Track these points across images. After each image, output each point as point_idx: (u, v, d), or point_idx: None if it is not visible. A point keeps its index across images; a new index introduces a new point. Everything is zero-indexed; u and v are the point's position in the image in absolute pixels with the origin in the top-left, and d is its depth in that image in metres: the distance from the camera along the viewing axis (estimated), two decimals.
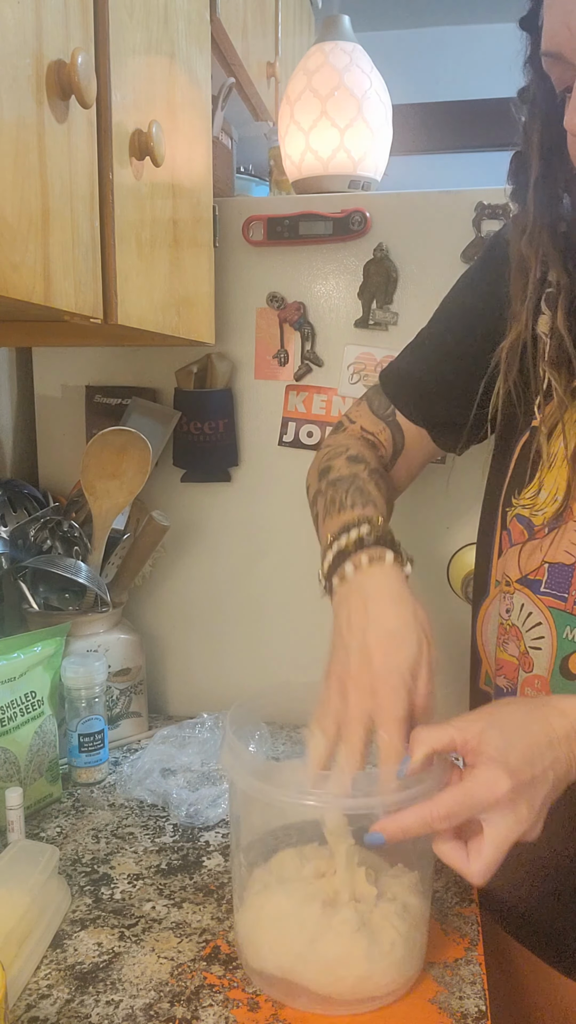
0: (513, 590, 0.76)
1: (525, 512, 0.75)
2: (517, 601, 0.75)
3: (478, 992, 0.68)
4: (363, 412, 0.90)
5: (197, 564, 1.24)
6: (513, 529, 0.77)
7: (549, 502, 0.73)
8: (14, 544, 1.09)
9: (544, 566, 0.73)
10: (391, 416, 0.88)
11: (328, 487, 0.81)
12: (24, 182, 0.55)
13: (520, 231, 0.72)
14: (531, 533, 0.74)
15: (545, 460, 0.73)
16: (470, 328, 0.82)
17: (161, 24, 0.80)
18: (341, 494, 0.79)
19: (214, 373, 1.16)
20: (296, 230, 1.11)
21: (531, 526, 0.74)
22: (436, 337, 0.87)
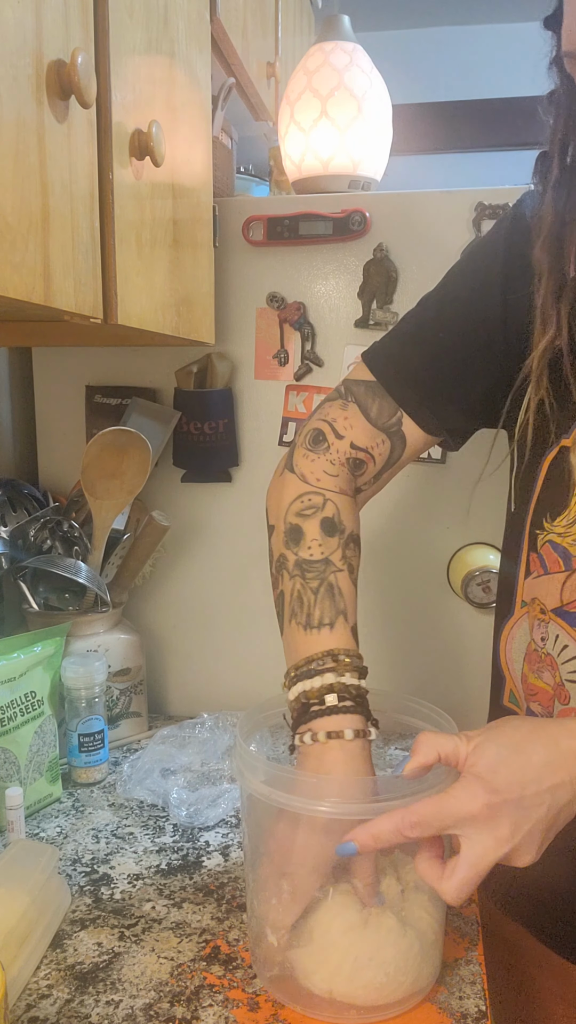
0: (548, 619, 0.72)
1: (561, 540, 0.70)
2: (552, 631, 0.72)
3: (478, 992, 0.68)
4: (355, 422, 0.77)
5: (197, 564, 1.24)
6: (547, 556, 0.72)
7: None
8: (14, 544, 1.09)
9: None
10: (395, 426, 0.77)
11: (296, 570, 0.73)
12: (24, 182, 0.55)
13: (537, 233, 0.70)
14: (568, 563, 0.70)
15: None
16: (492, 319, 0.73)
17: (161, 24, 0.80)
18: (310, 596, 0.72)
19: (214, 373, 1.16)
20: (296, 230, 1.11)
21: (568, 556, 0.70)
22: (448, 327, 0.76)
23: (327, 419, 0.78)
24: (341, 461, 0.77)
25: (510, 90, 2.50)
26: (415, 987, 0.65)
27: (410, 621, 1.19)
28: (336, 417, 0.78)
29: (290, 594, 0.73)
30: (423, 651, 1.19)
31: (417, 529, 1.16)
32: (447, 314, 0.76)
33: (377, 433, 0.77)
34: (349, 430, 0.77)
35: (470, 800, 0.56)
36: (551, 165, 0.69)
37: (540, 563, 0.73)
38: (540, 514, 0.73)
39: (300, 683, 0.69)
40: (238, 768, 0.67)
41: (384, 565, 1.17)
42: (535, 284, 0.70)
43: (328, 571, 0.73)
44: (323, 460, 0.77)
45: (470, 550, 1.14)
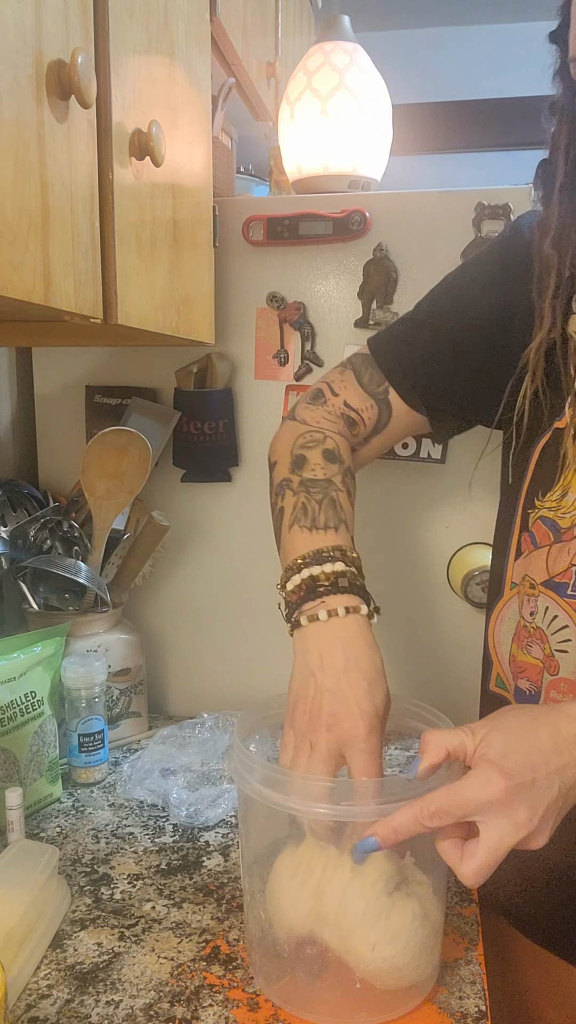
0: (538, 592, 0.75)
1: (550, 515, 0.74)
2: (542, 604, 0.74)
3: (478, 992, 0.68)
4: (349, 384, 0.86)
5: (197, 564, 1.24)
6: (537, 532, 0.76)
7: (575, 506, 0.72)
8: (14, 544, 1.09)
9: (572, 568, 0.72)
10: (383, 394, 0.85)
11: (300, 488, 0.79)
12: (24, 182, 0.55)
13: (544, 233, 0.73)
14: (557, 535, 0.74)
15: (572, 463, 0.72)
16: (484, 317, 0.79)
17: (161, 24, 0.80)
18: (314, 506, 0.77)
19: (214, 373, 1.16)
20: (296, 230, 1.11)
21: (557, 528, 0.74)
22: (442, 317, 0.83)
23: (326, 380, 0.88)
24: (336, 414, 0.85)
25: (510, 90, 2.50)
26: (424, 975, 0.66)
27: (410, 621, 1.19)
28: (334, 379, 0.87)
29: (293, 506, 0.78)
30: (423, 650, 1.19)
31: (417, 529, 1.16)
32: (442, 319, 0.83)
33: (367, 397, 0.85)
34: (343, 390, 0.86)
35: (487, 785, 0.57)
36: (555, 170, 0.72)
37: (531, 540, 0.76)
38: (532, 493, 0.77)
39: (307, 569, 0.72)
40: (235, 769, 0.67)
41: (384, 565, 1.17)
42: (534, 283, 0.74)
43: (331, 488, 0.79)
44: (322, 410, 0.86)
45: (470, 550, 1.14)
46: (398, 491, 1.16)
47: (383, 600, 1.21)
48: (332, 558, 0.73)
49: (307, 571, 0.72)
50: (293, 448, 0.83)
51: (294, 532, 0.77)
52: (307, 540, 0.75)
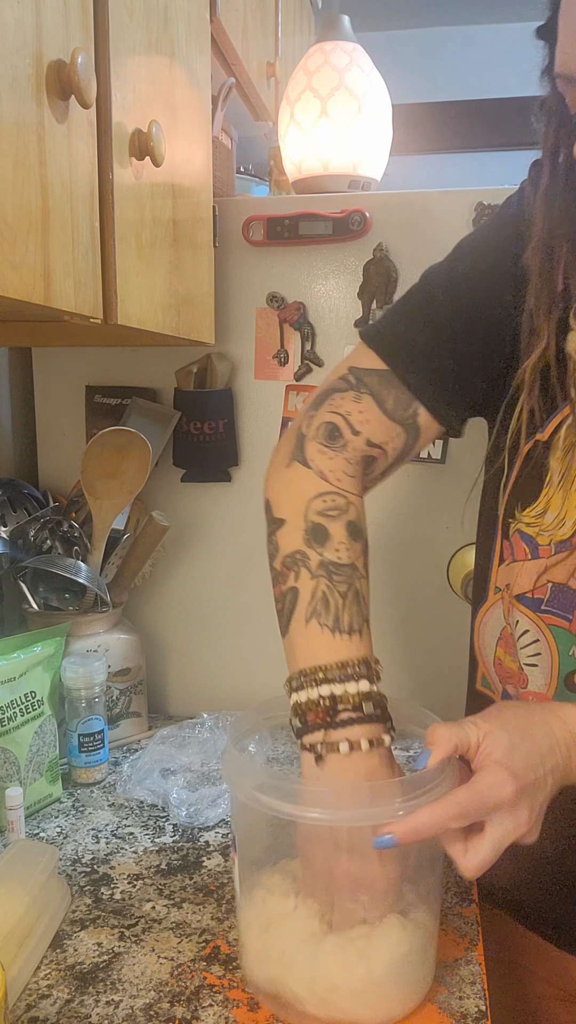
0: (513, 605, 0.75)
1: (529, 530, 0.72)
2: (513, 617, 0.75)
3: (478, 992, 0.68)
4: (371, 416, 0.74)
5: (197, 564, 1.24)
6: (515, 543, 0.74)
7: (556, 525, 0.70)
8: (14, 544, 1.09)
9: (546, 585, 0.71)
10: (411, 418, 0.74)
11: (321, 571, 0.70)
12: (24, 182, 0.55)
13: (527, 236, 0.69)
14: (534, 552, 0.72)
15: (554, 479, 0.70)
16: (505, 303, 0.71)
17: (161, 24, 0.80)
18: (337, 599, 0.69)
19: (214, 373, 1.16)
20: (296, 230, 1.11)
21: (535, 545, 0.72)
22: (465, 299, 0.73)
23: (341, 412, 0.74)
24: (357, 460, 0.75)
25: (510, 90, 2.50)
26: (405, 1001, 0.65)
27: (410, 621, 1.19)
28: (351, 411, 0.74)
29: (312, 593, 0.70)
30: (423, 650, 1.19)
31: (417, 529, 1.16)
32: (458, 298, 0.73)
33: (393, 426, 0.74)
34: (365, 425, 0.74)
35: (502, 787, 0.58)
36: (541, 172, 0.69)
37: (511, 550, 0.75)
38: (512, 503, 0.75)
39: (328, 685, 0.66)
40: (228, 774, 0.65)
41: (384, 565, 1.17)
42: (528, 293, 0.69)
43: (355, 577, 0.71)
44: (341, 459, 0.74)
45: (470, 550, 1.13)
46: (398, 491, 1.16)
47: (383, 600, 1.21)
48: (357, 675, 0.66)
49: (328, 688, 0.66)
50: (308, 512, 0.72)
51: (312, 629, 0.69)
52: (329, 645, 0.68)
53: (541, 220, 0.68)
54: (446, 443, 1.12)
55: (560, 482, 0.70)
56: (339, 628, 0.69)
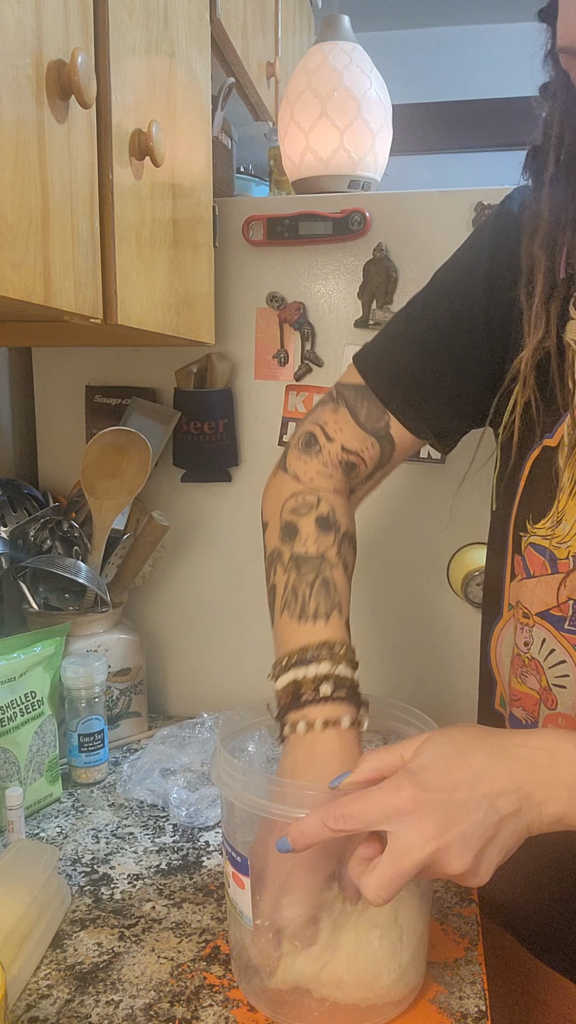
0: (532, 623, 0.71)
1: (545, 543, 0.69)
2: (537, 635, 0.71)
3: (478, 992, 0.68)
4: (345, 425, 0.77)
5: (197, 564, 1.24)
6: (530, 558, 0.71)
7: (572, 535, 0.67)
8: (14, 544, 1.09)
9: (570, 602, 0.68)
10: (384, 429, 0.76)
11: (291, 563, 0.73)
12: (24, 182, 0.55)
13: (533, 231, 0.67)
14: (554, 566, 0.69)
15: (566, 487, 0.68)
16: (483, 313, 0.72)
17: (161, 24, 0.80)
18: (304, 588, 0.72)
19: (214, 373, 1.16)
20: (296, 230, 1.11)
21: (554, 559, 0.69)
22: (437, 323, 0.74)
23: (319, 422, 0.79)
24: (334, 463, 0.77)
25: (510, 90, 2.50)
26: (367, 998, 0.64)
27: (409, 621, 1.19)
28: (327, 420, 0.78)
29: (283, 587, 0.73)
30: (422, 651, 1.19)
31: (417, 529, 1.16)
32: (432, 313, 0.75)
33: (366, 436, 0.77)
34: (339, 433, 0.77)
35: (393, 793, 0.54)
36: (546, 160, 0.66)
37: (523, 566, 0.72)
38: (523, 516, 0.72)
39: (292, 671, 0.69)
40: (217, 774, 0.65)
41: (384, 565, 1.18)
42: (522, 282, 0.68)
43: (323, 566, 0.73)
44: (315, 462, 0.77)
45: (470, 550, 1.14)
46: (398, 491, 1.15)
47: (383, 600, 1.21)
48: (317, 658, 0.68)
49: (292, 673, 0.69)
50: (283, 512, 0.76)
51: (284, 619, 0.72)
52: (295, 632, 0.71)
53: (548, 209, 0.67)
54: None
55: (572, 488, 0.67)
56: (304, 615, 0.71)
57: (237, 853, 0.64)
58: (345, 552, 0.76)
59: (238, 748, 0.84)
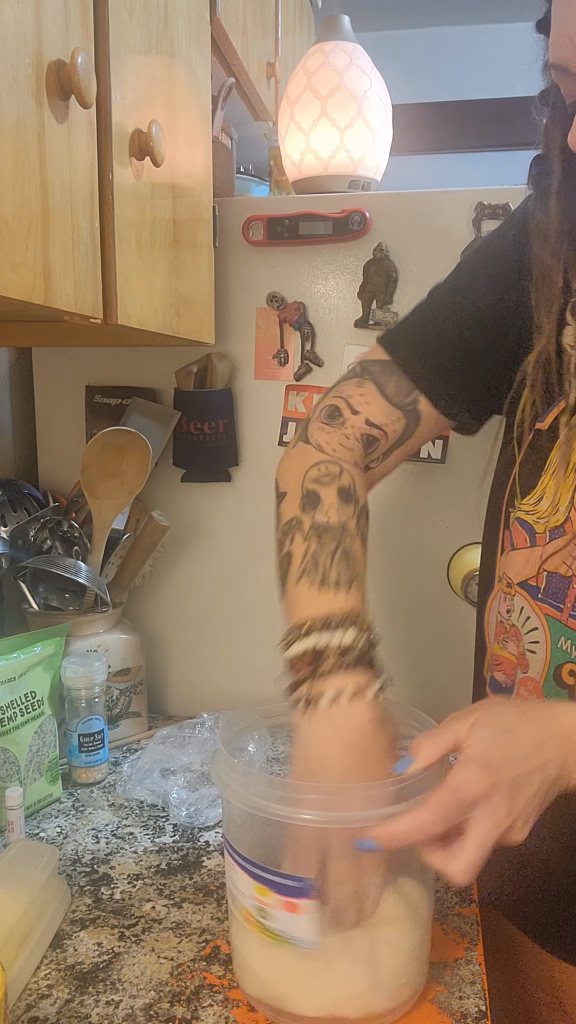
0: (514, 592, 0.75)
1: (527, 518, 0.74)
2: (517, 603, 0.75)
3: (478, 992, 0.68)
4: (371, 398, 0.78)
5: (197, 564, 1.24)
6: (515, 532, 0.75)
7: (551, 511, 0.71)
8: (14, 544, 1.09)
9: (543, 574, 0.72)
10: (411, 404, 0.77)
11: (312, 532, 0.73)
12: (24, 182, 0.55)
13: (542, 238, 0.69)
14: (532, 540, 0.73)
15: (549, 468, 0.71)
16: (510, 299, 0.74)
17: (161, 24, 0.80)
18: (326, 557, 0.71)
19: (214, 373, 1.16)
20: (296, 230, 1.11)
21: (533, 532, 0.73)
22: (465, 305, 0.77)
23: (343, 395, 0.79)
24: (356, 436, 0.78)
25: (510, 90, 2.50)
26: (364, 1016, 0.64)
27: (410, 620, 1.19)
28: (352, 394, 0.79)
29: (302, 555, 0.72)
30: (423, 650, 1.19)
31: (417, 529, 1.16)
32: (461, 303, 0.77)
33: (393, 410, 0.78)
34: (365, 406, 0.78)
35: (476, 782, 0.57)
36: (550, 168, 0.67)
37: (510, 539, 0.76)
38: (514, 493, 0.75)
39: (314, 636, 0.67)
40: (218, 775, 0.65)
41: (384, 565, 1.17)
42: (533, 291, 0.71)
43: (344, 536, 0.73)
44: (339, 433, 0.78)
45: (470, 550, 1.14)
46: (398, 491, 1.15)
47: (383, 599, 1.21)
48: (343, 625, 0.67)
49: (312, 640, 0.67)
50: (305, 481, 0.76)
51: (302, 586, 0.71)
52: (315, 599, 0.69)
53: (557, 217, 0.68)
54: (446, 443, 1.12)
55: (555, 470, 0.71)
56: (326, 583, 0.70)
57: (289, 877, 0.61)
58: (363, 526, 0.76)
59: (238, 748, 0.84)
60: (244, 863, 0.63)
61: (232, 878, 0.65)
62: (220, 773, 0.65)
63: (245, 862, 0.63)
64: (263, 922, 0.63)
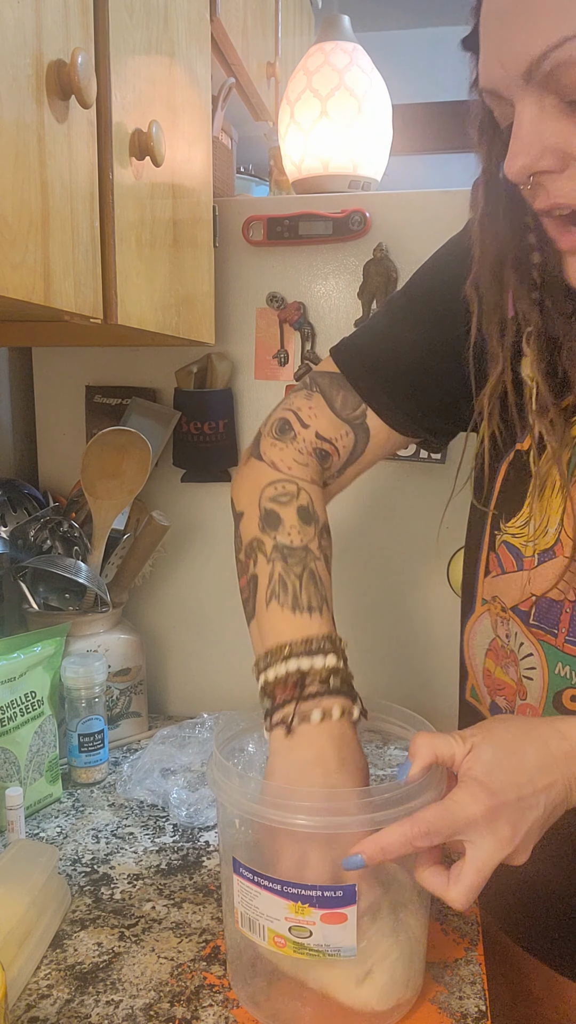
0: (508, 617, 0.73)
1: (515, 542, 0.72)
2: (512, 629, 0.73)
3: (478, 992, 0.68)
4: (319, 411, 0.76)
5: (197, 564, 1.24)
6: (503, 556, 0.73)
7: (540, 533, 0.69)
8: (14, 544, 1.09)
9: (532, 598, 0.70)
10: (359, 418, 0.76)
11: (275, 553, 0.72)
12: (24, 182, 0.55)
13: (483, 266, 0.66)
14: (520, 563, 0.71)
15: (535, 488, 0.69)
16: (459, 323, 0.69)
17: (161, 24, 0.80)
18: (294, 580, 0.71)
19: (214, 373, 1.16)
20: (296, 230, 1.11)
21: (520, 556, 0.71)
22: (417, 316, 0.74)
23: (292, 408, 0.78)
24: (308, 451, 0.77)
25: None
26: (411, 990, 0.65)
27: (410, 621, 1.19)
28: (301, 406, 0.78)
29: (269, 577, 0.71)
30: (423, 651, 1.19)
31: (417, 529, 1.16)
32: (415, 316, 0.75)
33: (341, 424, 0.76)
34: (314, 419, 0.77)
35: (473, 803, 0.56)
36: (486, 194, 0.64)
37: (498, 563, 0.74)
38: (498, 516, 0.73)
39: (295, 660, 0.66)
40: (213, 778, 0.64)
41: (384, 565, 1.17)
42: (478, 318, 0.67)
43: (309, 559, 0.72)
44: (291, 449, 0.77)
45: None
46: (398, 491, 1.15)
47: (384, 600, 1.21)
48: (323, 650, 0.67)
49: (295, 663, 0.66)
50: (262, 500, 0.75)
51: (273, 609, 0.70)
52: (291, 623, 0.69)
53: (479, 246, 0.65)
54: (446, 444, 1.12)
55: (540, 489, 0.69)
56: (299, 607, 0.70)
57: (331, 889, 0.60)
58: (325, 546, 0.75)
59: (237, 748, 0.84)
60: (273, 885, 0.60)
61: (253, 905, 0.62)
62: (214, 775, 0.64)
63: (274, 883, 0.60)
64: (301, 942, 0.61)
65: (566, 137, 0.52)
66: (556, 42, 0.49)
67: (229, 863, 0.64)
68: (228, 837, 0.66)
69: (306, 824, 0.59)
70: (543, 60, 0.50)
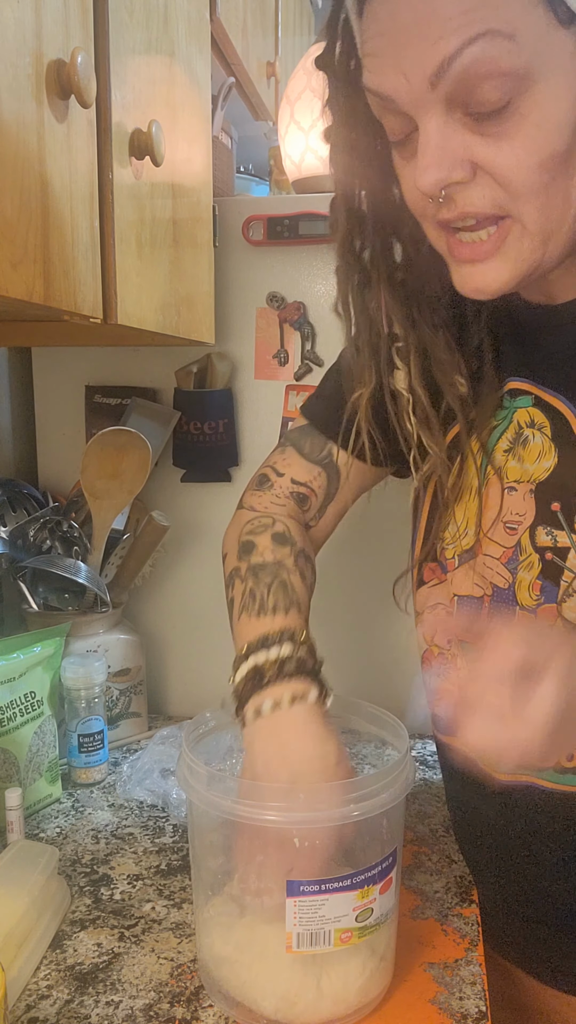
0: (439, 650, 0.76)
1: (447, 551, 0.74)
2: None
3: (478, 992, 0.68)
4: (292, 460, 0.82)
5: (197, 564, 1.24)
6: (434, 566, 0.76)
7: (460, 536, 0.72)
8: (14, 544, 1.09)
9: (454, 599, 0.72)
10: (327, 458, 0.80)
11: (248, 573, 0.75)
12: (24, 182, 0.54)
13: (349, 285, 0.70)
14: (444, 568, 0.74)
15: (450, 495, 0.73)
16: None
17: (161, 24, 0.80)
18: (262, 589, 0.73)
19: (214, 373, 1.16)
20: (296, 230, 1.11)
21: (444, 560, 0.74)
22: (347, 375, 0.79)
23: (269, 464, 0.84)
24: (285, 495, 0.81)
25: None
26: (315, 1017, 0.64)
27: (407, 625, 1.19)
28: (276, 461, 0.83)
29: (241, 595, 0.74)
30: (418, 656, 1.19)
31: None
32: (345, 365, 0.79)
33: (312, 466, 0.81)
34: (288, 468, 0.82)
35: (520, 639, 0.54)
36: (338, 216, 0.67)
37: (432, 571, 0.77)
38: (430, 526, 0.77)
39: (252, 657, 0.67)
40: (182, 775, 0.64)
41: (378, 571, 1.17)
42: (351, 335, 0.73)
43: (280, 571, 0.74)
44: (269, 495, 0.82)
45: None
46: (399, 492, 1.15)
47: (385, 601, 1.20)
48: (278, 642, 0.68)
49: (252, 659, 0.67)
50: (240, 535, 0.79)
51: (242, 621, 0.72)
52: (254, 626, 0.70)
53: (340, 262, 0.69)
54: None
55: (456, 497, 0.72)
56: (263, 611, 0.72)
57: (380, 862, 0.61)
58: (303, 565, 0.76)
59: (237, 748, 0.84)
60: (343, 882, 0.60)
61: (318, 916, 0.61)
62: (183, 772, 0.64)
63: (344, 879, 0.60)
64: (364, 924, 0.62)
65: (472, 148, 0.54)
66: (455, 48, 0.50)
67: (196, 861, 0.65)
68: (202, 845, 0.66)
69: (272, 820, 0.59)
70: (448, 66, 0.51)
